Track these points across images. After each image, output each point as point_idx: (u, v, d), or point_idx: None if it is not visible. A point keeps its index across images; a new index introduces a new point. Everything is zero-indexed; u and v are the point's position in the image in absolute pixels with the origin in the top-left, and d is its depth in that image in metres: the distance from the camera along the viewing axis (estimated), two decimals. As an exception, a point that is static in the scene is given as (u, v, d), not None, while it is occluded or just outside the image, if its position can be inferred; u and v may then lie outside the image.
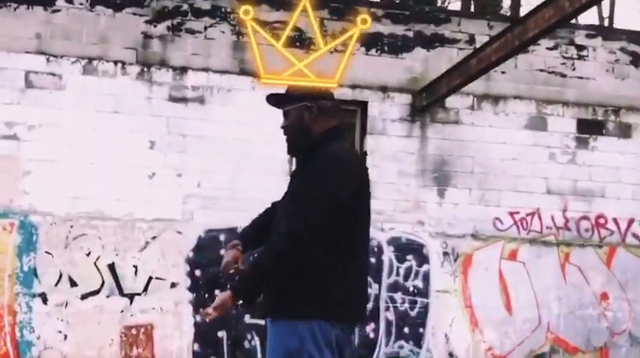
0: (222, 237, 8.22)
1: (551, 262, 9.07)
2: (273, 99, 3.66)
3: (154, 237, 8.17)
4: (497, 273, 8.87)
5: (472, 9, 18.95)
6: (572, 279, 9.11)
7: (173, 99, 8.37)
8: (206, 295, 8.15)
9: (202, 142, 8.38)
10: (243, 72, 8.50)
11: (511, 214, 9.01)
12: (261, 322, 7.88)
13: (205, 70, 8.46)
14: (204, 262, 8.23)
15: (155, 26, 8.40)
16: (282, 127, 3.56)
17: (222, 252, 4.27)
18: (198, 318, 8.08)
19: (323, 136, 3.40)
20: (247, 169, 8.38)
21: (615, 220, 9.35)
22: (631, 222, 9.40)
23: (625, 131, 9.58)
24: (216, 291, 7.91)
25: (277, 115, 7.77)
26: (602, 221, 9.32)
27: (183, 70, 8.41)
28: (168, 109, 8.33)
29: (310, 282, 3.14)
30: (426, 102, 8.83)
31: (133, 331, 8.05)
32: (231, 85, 8.49)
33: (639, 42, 9.83)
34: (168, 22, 8.43)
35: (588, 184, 9.31)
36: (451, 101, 8.99)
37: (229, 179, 8.36)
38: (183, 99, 8.41)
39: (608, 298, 9.22)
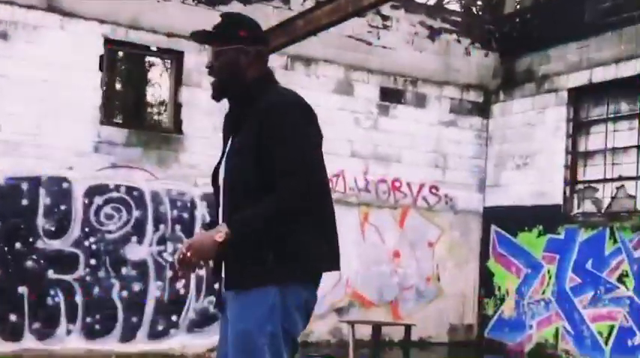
0: (24, 186, 7.76)
1: (352, 222, 9.51)
2: (204, 36, 3.20)
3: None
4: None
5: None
6: (371, 238, 9.67)
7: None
8: (5, 248, 7.67)
9: (4, 82, 7.77)
10: (51, 9, 7.96)
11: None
12: (66, 277, 7.83)
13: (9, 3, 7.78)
14: (3, 212, 7.71)
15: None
16: (209, 67, 3.13)
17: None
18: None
19: (260, 81, 3.10)
20: (54, 114, 7.92)
21: (409, 184, 9.97)
22: (422, 186, 10.02)
23: (421, 101, 10.18)
24: (17, 244, 7.64)
25: (88, 58, 8.24)
26: (397, 184, 9.90)
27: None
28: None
29: (291, 242, 2.90)
30: (243, 58, 8.92)
31: None
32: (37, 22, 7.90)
33: (436, 17, 10.40)
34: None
35: (387, 149, 9.84)
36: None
37: (35, 124, 7.84)
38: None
39: (400, 256, 9.86)
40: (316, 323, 9.11)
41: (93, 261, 8.07)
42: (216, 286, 3.17)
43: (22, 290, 7.73)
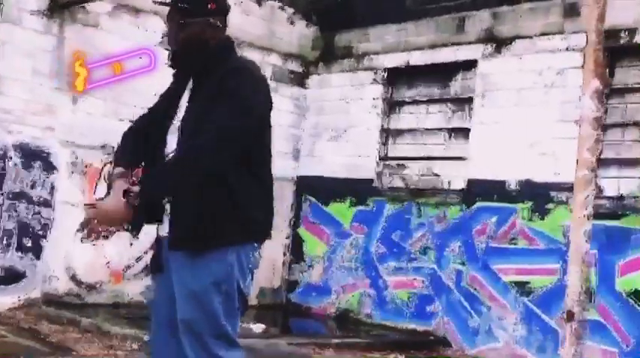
0: None
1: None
2: (169, 6, 3.15)
3: None
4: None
5: None
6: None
7: None
8: None
9: None
10: None
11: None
12: None
13: None
14: None
15: None
16: (169, 36, 3.17)
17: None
18: None
19: (221, 49, 3.11)
20: None
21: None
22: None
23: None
24: None
25: None
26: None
27: None
28: None
29: (237, 205, 2.94)
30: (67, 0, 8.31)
31: None
32: None
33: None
34: None
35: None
36: (93, 4, 8.53)
37: None
38: None
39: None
40: (131, 283, 8.96)
41: None
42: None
43: None
